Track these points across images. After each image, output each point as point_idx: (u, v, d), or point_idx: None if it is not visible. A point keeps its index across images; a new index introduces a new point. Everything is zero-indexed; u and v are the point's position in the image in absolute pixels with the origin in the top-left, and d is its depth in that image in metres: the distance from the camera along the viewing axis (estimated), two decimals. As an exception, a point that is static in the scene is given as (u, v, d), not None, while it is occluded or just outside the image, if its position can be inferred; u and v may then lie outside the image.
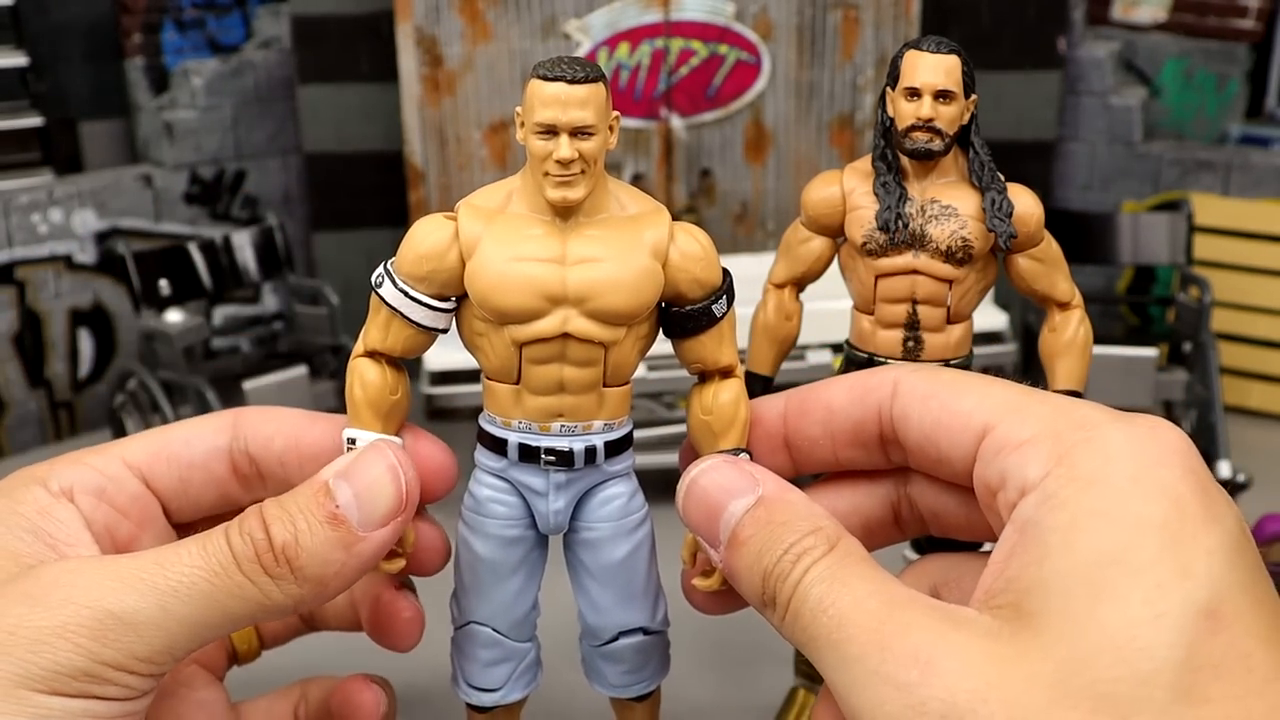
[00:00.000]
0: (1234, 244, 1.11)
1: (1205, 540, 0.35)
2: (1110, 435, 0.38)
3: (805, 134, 1.08)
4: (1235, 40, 1.20)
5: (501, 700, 0.54)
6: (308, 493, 0.46)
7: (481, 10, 1.03)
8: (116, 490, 0.50)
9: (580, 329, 0.47)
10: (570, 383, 0.48)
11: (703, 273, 0.49)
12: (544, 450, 0.49)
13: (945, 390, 0.44)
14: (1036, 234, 0.58)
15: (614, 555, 0.51)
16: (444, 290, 0.48)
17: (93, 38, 1.18)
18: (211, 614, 0.43)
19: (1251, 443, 1.01)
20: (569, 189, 0.46)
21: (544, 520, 0.51)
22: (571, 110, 0.45)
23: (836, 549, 0.40)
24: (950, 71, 0.56)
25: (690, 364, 0.51)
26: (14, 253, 1.05)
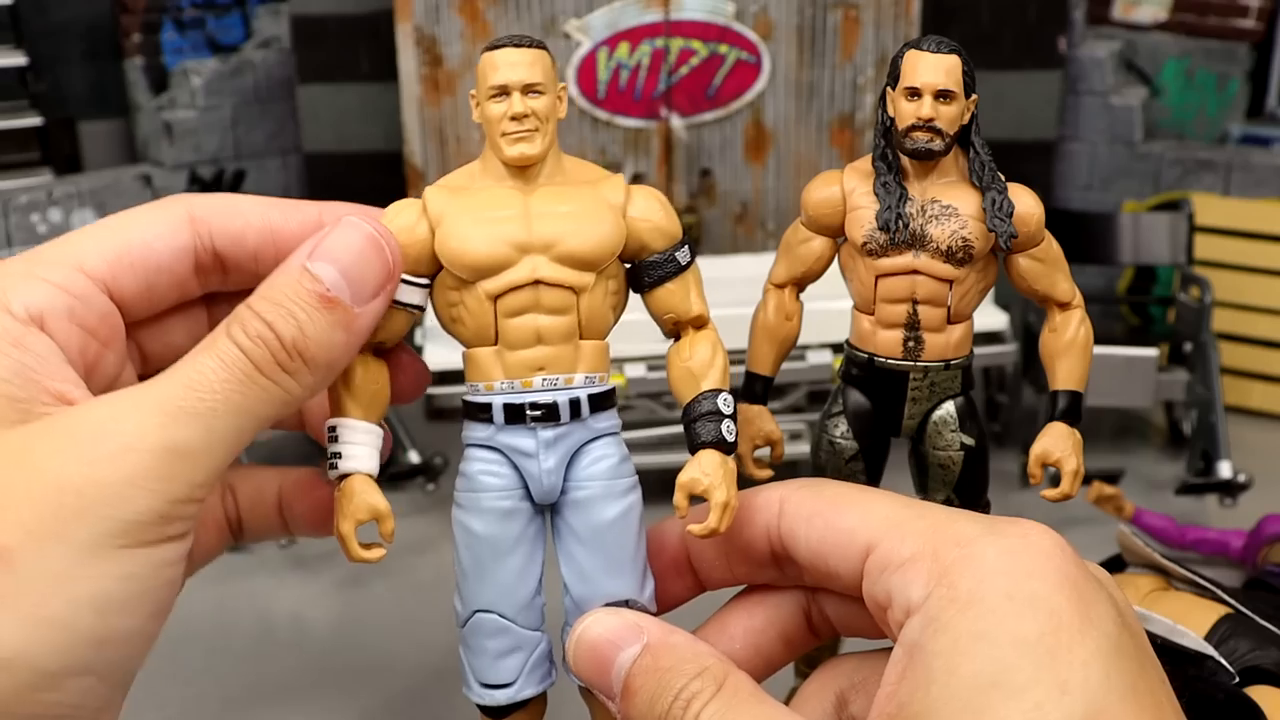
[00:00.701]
0: (1235, 244, 1.11)
1: (1081, 651, 0.36)
2: (984, 551, 0.39)
3: (805, 134, 1.08)
4: (1236, 40, 1.20)
5: (515, 696, 0.52)
6: (292, 281, 0.45)
7: (481, 10, 1.03)
8: (86, 310, 0.47)
9: (551, 274, 0.49)
10: (546, 333, 0.49)
11: (663, 221, 0.51)
12: (528, 406, 0.50)
13: (828, 509, 0.45)
14: (1037, 234, 0.58)
15: (604, 515, 0.51)
16: (416, 267, 0.50)
17: (92, 37, 1.18)
18: (246, 422, 0.43)
19: (1252, 443, 1.01)
20: (526, 143, 0.49)
21: (537, 484, 0.51)
22: (520, 70, 0.49)
23: (724, 689, 0.41)
24: (951, 71, 0.56)
25: (663, 316, 0.53)
26: (13, 252, 1.05)
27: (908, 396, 0.60)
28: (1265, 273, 1.10)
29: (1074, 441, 0.59)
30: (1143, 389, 0.96)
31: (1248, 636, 0.62)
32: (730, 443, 0.51)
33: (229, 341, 0.43)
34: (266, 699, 0.74)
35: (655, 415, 0.92)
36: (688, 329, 0.53)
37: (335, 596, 0.84)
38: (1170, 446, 1.05)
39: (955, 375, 0.60)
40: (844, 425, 0.61)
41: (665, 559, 0.51)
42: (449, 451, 0.99)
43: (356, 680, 0.74)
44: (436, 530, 0.92)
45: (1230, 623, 0.63)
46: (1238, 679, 0.60)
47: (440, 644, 0.65)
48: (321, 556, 0.90)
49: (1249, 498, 0.89)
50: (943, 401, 0.60)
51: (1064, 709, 0.35)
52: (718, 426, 0.51)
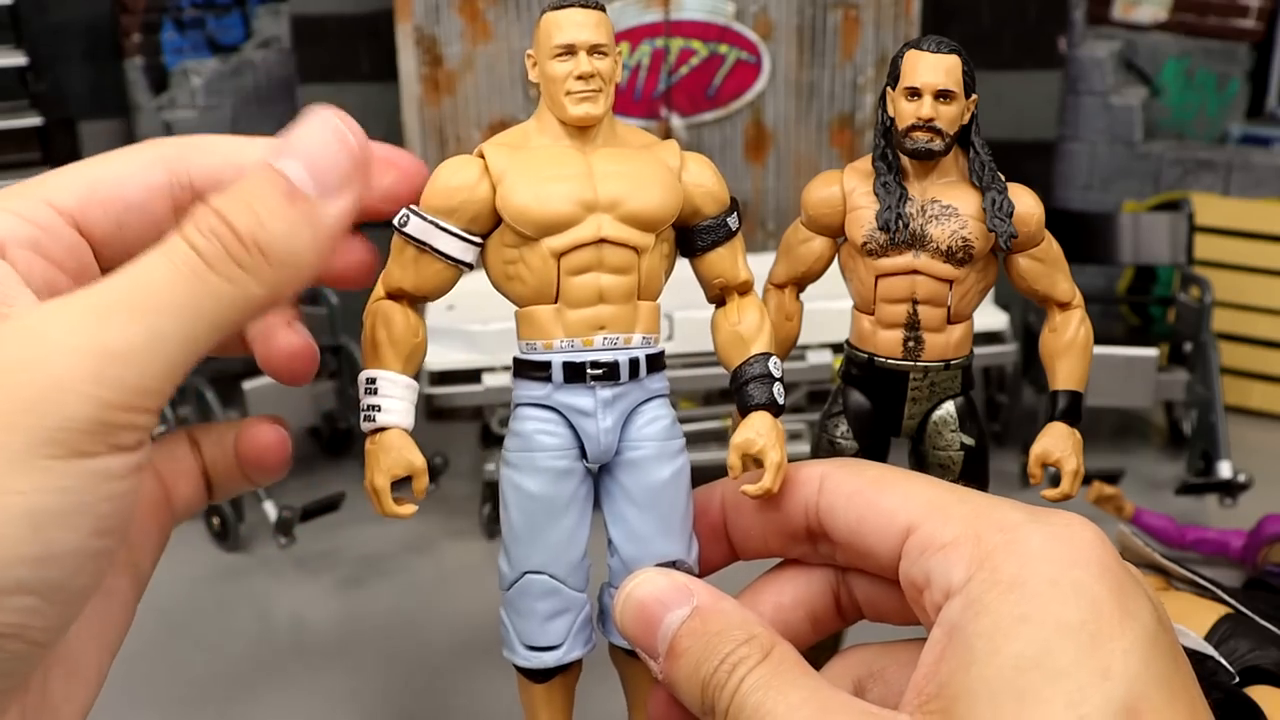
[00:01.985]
0: (1235, 244, 1.11)
1: (1121, 640, 0.37)
2: (1029, 537, 0.39)
3: (805, 134, 1.08)
4: (1236, 40, 1.20)
5: (563, 658, 0.52)
6: (256, 178, 0.42)
7: (481, 10, 1.03)
8: (51, 241, 0.45)
9: (615, 233, 0.49)
10: (609, 292, 0.50)
11: (716, 187, 0.53)
12: (589, 365, 0.50)
13: (870, 488, 0.45)
14: (1037, 234, 0.58)
15: (659, 476, 0.51)
16: (472, 224, 0.50)
17: (92, 37, 1.18)
18: (199, 326, 0.39)
19: (1252, 443, 1.01)
20: (591, 103, 0.50)
21: (593, 443, 0.51)
22: (586, 30, 0.50)
23: (770, 657, 0.41)
24: (951, 71, 0.56)
25: (713, 280, 0.53)
26: (13, 253, 1.05)
27: (908, 396, 0.60)
28: (1265, 273, 1.10)
29: (1074, 441, 0.59)
30: (1143, 389, 0.96)
31: (1248, 636, 0.62)
32: (780, 405, 0.52)
33: (179, 238, 0.40)
34: (267, 698, 0.74)
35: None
36: (733, 294, 0.54)
37: (335, 596, 0.84)
38: (1170, 446, 1.05)
39: (955, 375, 0.60)
40: (844, 425, 0.61)
41: (703, 526, 0.51)
42: (449, 451, 1.00)
43: (357, 680, 0.74)
44: (437, 530, 0.92)
45: (1230, 623, 0.63)
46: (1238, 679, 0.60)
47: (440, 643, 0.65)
48: (321, 556, 0.90)
49: (1249, 498, 0.89)
50: (943, 401, 0.60)
51: (1105, 693, 0.35)
52: (769, 389, 0.52)
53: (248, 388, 0.96)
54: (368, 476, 0.49)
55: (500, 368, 0.89)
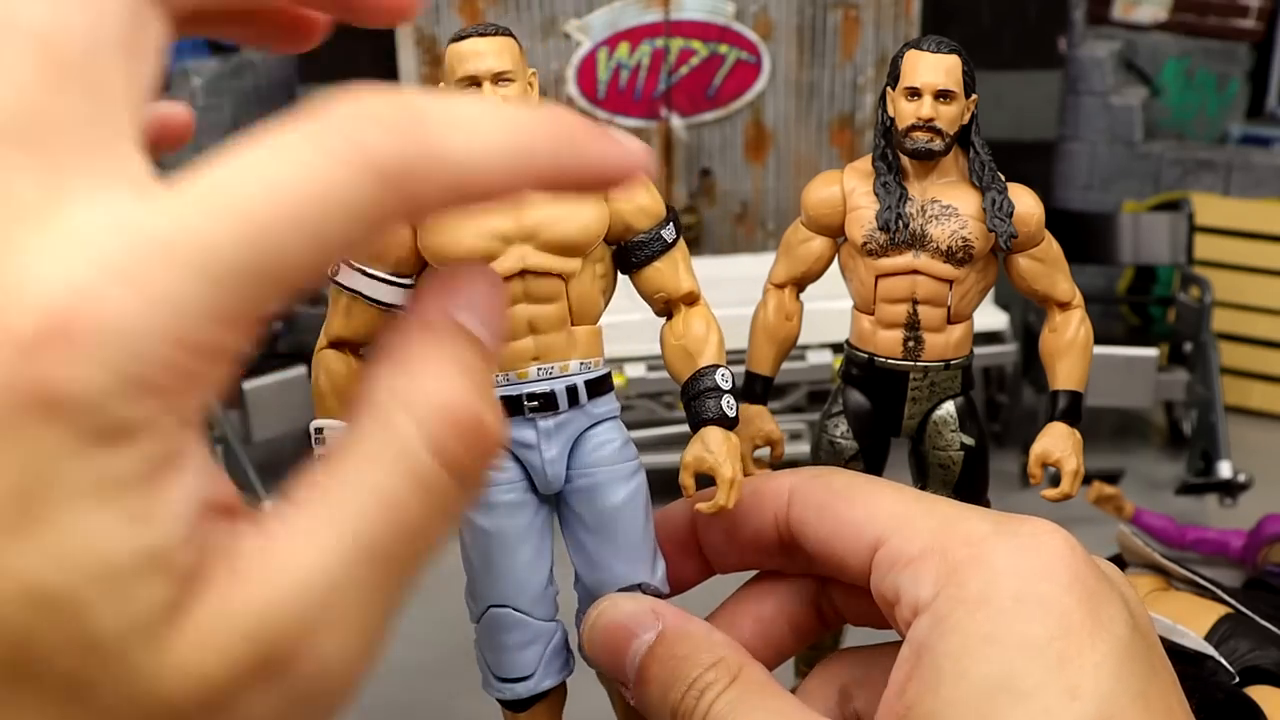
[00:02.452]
0: (1235, 244, 1.11)
1: (1092, 655, 0.36)
2: (994, 550, 0.39)
3: (805, 134, 1.08)
4: (1236, 40, 1.20)
5: (536, 688, 0.51)
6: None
7: (481, 10, 1.03)
8: None
9: (538, 263, 0.48)
10: (539, 321, 0.49)
11: (646, 200, 0.51)
12: (525, 396, 0.49)
13: (837, 501, 0.44)
14: (1037, 234, 0.58)
15: (611, 500, 0.50)
16: (399, 267, 0.49)
17: (92, 37, 1.18)
18: None
19: (1252, 443, 1.01)
20: None
21: (540, 475, 0.50)
22: (488, 59, 0.48)
23: (738, 680, 0.41)
24: (951, 71, 0.56)
25: (654, 295, 0.52)
26: (13, 253, 1.05)
27: (908, 396, 0.60)
28: (1265, 273, 1.10)
29: (1074, 441, 0.59)
30: (1143, 389, 0.96)
31: (1248, 636, 0.62)
32: (732, 418, 0.50)
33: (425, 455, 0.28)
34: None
35: (655, 415, 0.92)
36: (679, 306, 0.53)
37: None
38: (1170, 446, 1.05)
39: (955, 375, 0.60)
40: (844, 425, 0.61)
41: (674, 543, 0.51)
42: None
43: None
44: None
45: (1230, 623, 0.63)
46: (1238, 679, 0.60)
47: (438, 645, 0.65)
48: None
49: (1249, 498, 0.89)
50: (943, 401, 0.60)
51: (1073, 714, 0.35)
52: (718, 402, 0.51)
53: (248, 388, 0.96)
54: None
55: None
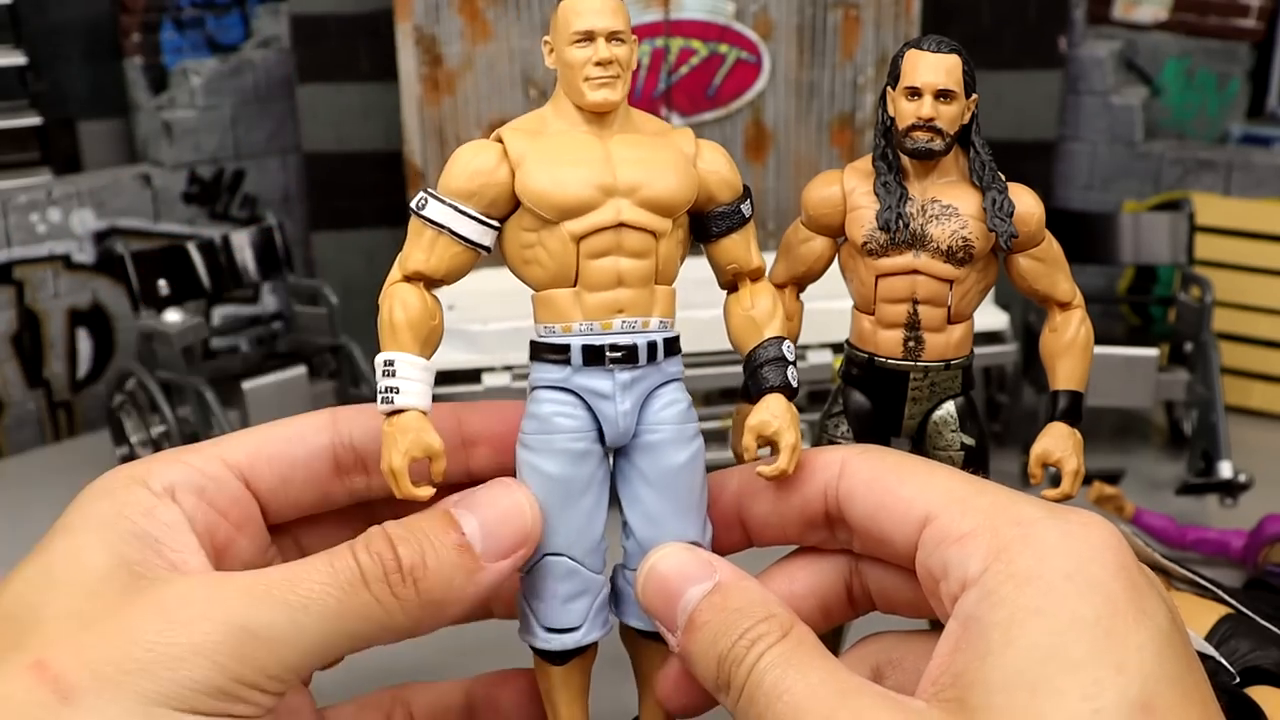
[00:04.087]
0: (1235, 244, 1.10)
1: (1136, 636, 0.37)
2: (1045, 532, 0.40)
3: (805, 133, 1.08)
4: (1236, 39, 1.20)
5: (582, 640, 0.51)
6: (433, 519, 0.47)
7: (481, 9, 1.03)
8: (217, 491, 0.50)
9: (634, 218, 0.50)
10: (627, 275, 0.50)
11: (730, 174, 0.53)
12: (609, 347, 0.50)
13: (889, 475, 0.45)
14: (1037, 234, 0.58)
15: (675, 459, 0.51)
16: (491, 208, 0.50)
17: (91, 37, 1.18)
18: (338, 633, 0.44)
19: (1253, 443, 1.01)
20: (609, 89, 0.50)
21: (612, 425, 0.51)
22: (605, 17, 0.50)
23: (789, 636, 0.42)
24: (951, 71, 0.56)
25: (726, 265, 0.55)
26: (12, 252, 1.05)
27: (908, 396, 0.59)
28: (1266, 272, 1.10)
29: (1074, 441, 0.59)
30: (1143, 389, 0.96)
31: (1248, 637, 0.62)
32: (794, 388, 0.53)
33: (346, 550, 0.45)
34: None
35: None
36: (745, 280, 0.55)
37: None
38: (1171, 446, 1.05)
39: (955, 375, 0.60)
40: (844, 425, 0.61)
41: (717, 512, 0.51)
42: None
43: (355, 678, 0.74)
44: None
45: (1231, 623, 0.63)
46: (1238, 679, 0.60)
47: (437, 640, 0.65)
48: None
49: (1249, 498, 0.89)
50: (943, 401, 0.60)
51: (1119, 688, 0.35)
52: (783, 371, 0.53)
53: (247, 388, 0.96)
54: (385, 458, 0.48)
55: (500, 368, 0.89)
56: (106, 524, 0.46)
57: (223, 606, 0.42)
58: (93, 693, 0.40)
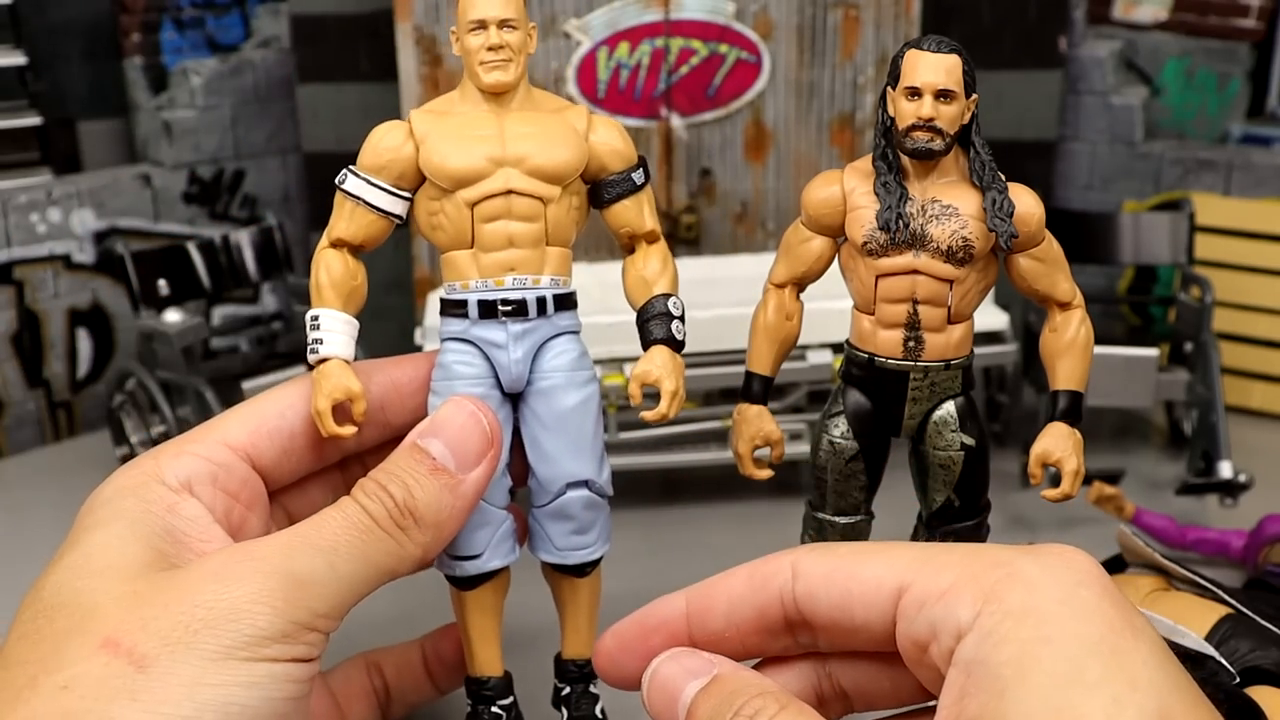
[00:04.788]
0: (1235, 244, 1.10)
1: (1138, 652, 0.37)
2: (1027, 567, 0.40)
3: (805, 133, 1.08)
4: (1237, 39, 1.20)
5: (484, 566, 0.58)
6: (405, 456, 0.52)
7: (481, 9, 1.02)
8: (228, 476, 0.54)
9: (522, 185, 0.56)
10: (517, 238, 0.56)
11: (621, 145, 0.59)
12: (500, 302, 0.56)
13: (847, 563, 0.45)
14: (1037, 234, 0.58)
15: (566, 402, 0.58)
16: (400, 181, 0.57)
17: (91, 37, 1.18)
18: (367, 567, 0.49)
19: (1253, 443, 1.01)
20: (501, 71, 0.56)
21: (506, 372, 0.57)
22: (495, 7, 0.56)
23: (788, 709, 0.42)
24: (951, 71, 0.56)
25: (620, 230, 0.60)
26: (12, 252, 1.05)
27: (908, 396, 0.59)
28: (1266, 272, 1.10)
29: (1074, 441, 0.59)
30: (1143, 389, 0.96)
31: (1248, 637, 0.62)
32: (679, 341, 0.58)
33: (350, 500, 0.51)
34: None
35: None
36: (641, 243, 0.60)
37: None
38: (1171, 446, 1.05)
39: (955, 375, 0.60)
40: (844, 425, 0.61)
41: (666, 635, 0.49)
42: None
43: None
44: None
45: (1231, 623, 0.63)
46: (1238, 679, 0.60)
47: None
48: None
49: (1250, 498, 0.89)
50: (943, 401, 0.60)
51: (1137, 703, 0.36)
52: (668, 325, 0.58)
53: (247, 387, 0.96)
54: (312, 401, 0.55)
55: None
56: (135, 520, 0.49)
57: (267, 561, 0.46)
58: (165, 657, 0.43)
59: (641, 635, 0.48)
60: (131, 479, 0.52)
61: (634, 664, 0.47)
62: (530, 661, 0.65)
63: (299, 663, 0.46)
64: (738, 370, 0.67)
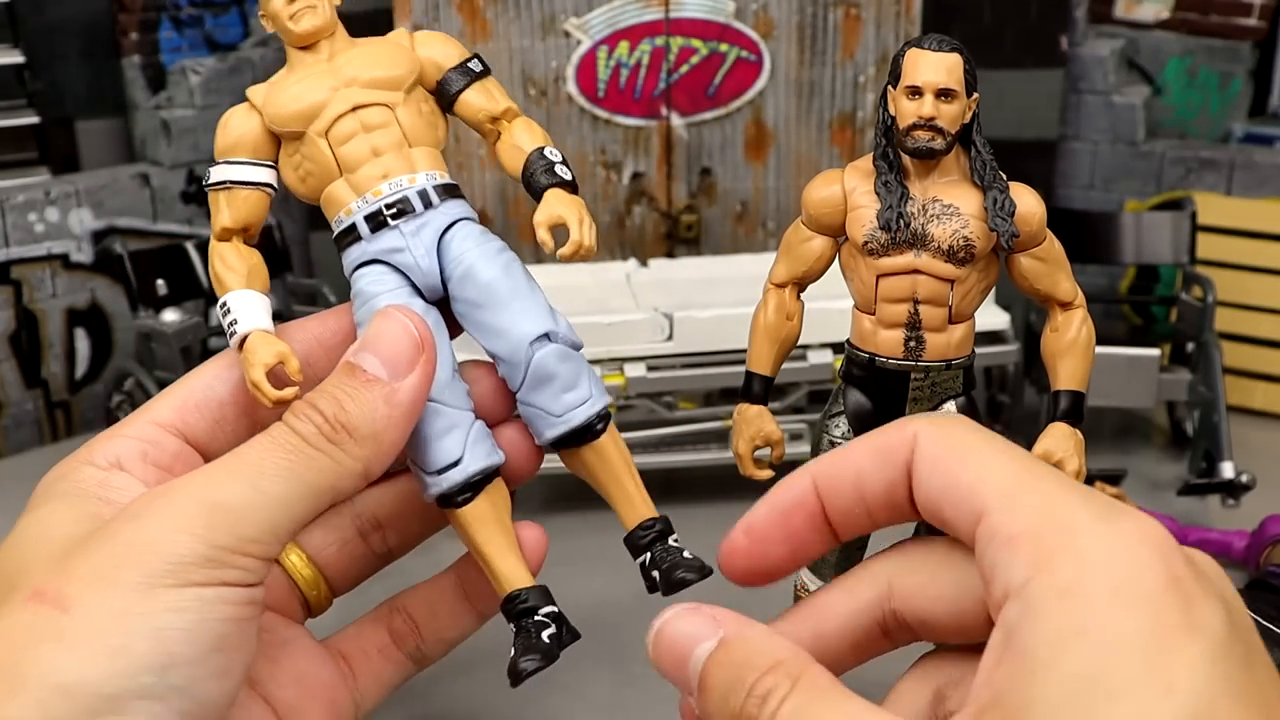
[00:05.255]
0: (1237, 243, 1.10)
1: (1186, 653, 0.35)
2: (1092, 542, 0.38)
3: (806, 133, 1.07)
4: (1239, 38, 1.20)
5: (467, 469, 0.55)
6: (336, 374, 0.51)
7: (480, 8, 1.02)
8: (158, 451, 0.54)
9: (364, 98, 0.57)
10: (378, 146, 0.57)
11: (449, 46, 0.60)
12: (384, 208, 0.56)
13: (951, 458, 0.43)
14: (1038, 233, 0.58)
15: (489, 273, 0.56)
16: (256, 152, 0.58)
17: (89, 36, 1.17)
18: (300, 486, 0.48)
19: (1255, 443, 1.01)
20: (310, 15, 0.58)
21: (416, 273, 0.57)
22: None
23: (800, 682, 0.40)
24: (952, 70, 0.56)
25: (479, 121, 0.60)
26: (10, 252, 1.05)
27: (909, 396, 0.59)
28: (1268, 272, 1.09)
29: (1076, 442, 0.58)
30: (1145, 389, 0.96)
31: (1251, 639, 0.62)
32: (569, 181, 0.58)
33: (279, 423, 0.50)
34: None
35: (655, 415, 0.91)
36: (502, 123, 0.60)
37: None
38: (1172, 447, 1.05)
39: (957, 375, 0.59)
40: (844, 425, 0.60)
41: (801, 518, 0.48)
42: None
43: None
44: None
45: (1233, 625, 0.63)
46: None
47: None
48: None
49: (1251, 498, 0.88)
50: (944, 401, 0.60)
51: (1169, 710, 0.34)
52: (551, 170, 0.58)
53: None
54: (246, 378, 0.54)
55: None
56: (67, 498, 0.50)
57: (183, 492, 0.46)
58: (89, 594, 0.43)
59: (780, 520, 0.46)
60: (64, 468, 0.52)
61: (778, 551, 0.46)
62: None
63: (231, 586, 0.45)
64: (738, 370, 0.67)
